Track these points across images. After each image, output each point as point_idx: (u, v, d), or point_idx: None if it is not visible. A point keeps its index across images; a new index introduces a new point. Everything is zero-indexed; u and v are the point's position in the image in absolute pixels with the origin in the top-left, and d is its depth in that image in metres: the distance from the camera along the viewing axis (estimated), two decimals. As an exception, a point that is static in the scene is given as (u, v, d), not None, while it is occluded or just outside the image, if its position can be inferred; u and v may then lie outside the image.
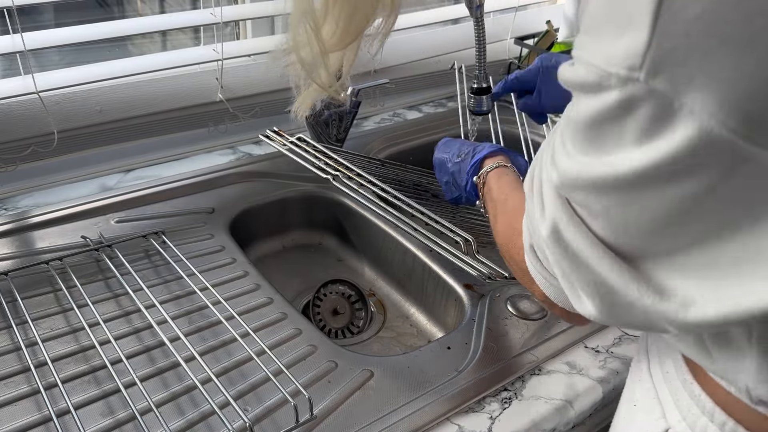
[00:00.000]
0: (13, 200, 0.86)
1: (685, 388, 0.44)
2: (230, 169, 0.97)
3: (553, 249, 0.38)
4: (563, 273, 0.39)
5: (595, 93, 0.31)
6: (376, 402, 0.61)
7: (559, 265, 0.39)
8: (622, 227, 0.34)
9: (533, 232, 0.42)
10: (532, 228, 0.42)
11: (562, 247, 0.37)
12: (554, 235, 0.38)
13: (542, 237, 0.39)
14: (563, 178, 0.36)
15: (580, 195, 0.35)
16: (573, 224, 0.36)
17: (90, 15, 1.00)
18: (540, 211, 0.40)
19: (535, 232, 0.41)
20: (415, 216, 0.74)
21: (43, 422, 0.57)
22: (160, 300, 0.69)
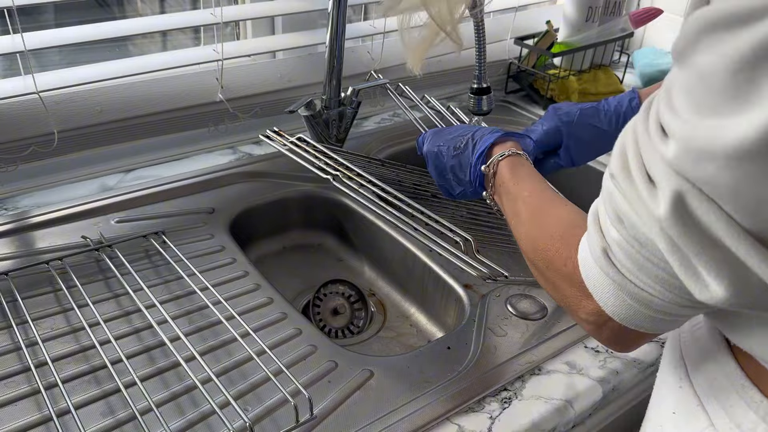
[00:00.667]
0: (13, 200, 0.86)
1: (741, 395, 0.42)
2: (230, 169, 0.97)
3: (676, 229, 0.33)
4: (682, 258, 0.34)
5: (744, 24, 0.27)
6: (376, 402, 0.61)
7: (678, 250, 0.34)
8: (754, 206, 0.30)
9: (628, 224, 0.37)
10: (627, 220, 0.37)
11: (688, 225, 0.32)
12: (678, 211, 0.32)
13: (657, 219, 0.34)
14: (685, 148, 0.31)
15: (707, 168, 0.30)
16: (701, 198, 0.31)
17: (90, 15, 1.00)
18: (649, 192, 0.34)
19: (633, 224, 0.36)
20: (415, 216, 0.74)
21: (44, 422, 0.57)
22: (160, 300, 0.69)
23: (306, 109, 0.96)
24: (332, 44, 0.94)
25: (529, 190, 0.58)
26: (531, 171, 0.62)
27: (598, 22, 1.27)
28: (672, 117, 0.32)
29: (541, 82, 1.28)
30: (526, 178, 0.60)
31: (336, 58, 0.95)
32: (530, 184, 0.59)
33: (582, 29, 1.25)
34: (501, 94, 1.31)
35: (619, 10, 1.28)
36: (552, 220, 0.51)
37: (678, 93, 0.32)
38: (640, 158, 0.35)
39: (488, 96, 0.95)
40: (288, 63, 1.08)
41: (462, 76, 1.27)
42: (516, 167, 0.62)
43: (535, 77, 1.29)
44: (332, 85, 0.97)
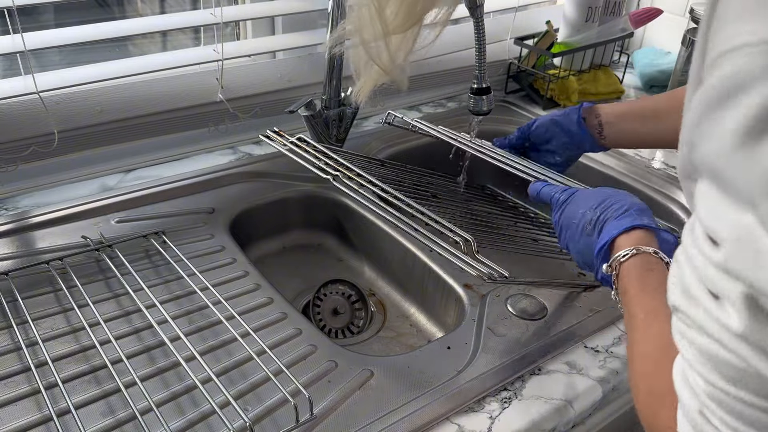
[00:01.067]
0: (13, 200, 0.86)
1: None
2: (230, 169, 0.97)
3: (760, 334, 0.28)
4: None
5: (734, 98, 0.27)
6: (376, 402, 0.61)
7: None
8: None
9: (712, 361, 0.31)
10: (709, 357, 0.31)
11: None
12: (753, 314, 0.28)
13: (736, 333, 0.29)
14: (736, 248, 0.28)
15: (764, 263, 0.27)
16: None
17: (90, 15, 1.00)
18: (717, 306, 0.30)
19: (715, 357, 0.31)
20: (415, 216, 0.74)
21: (44, 422, 0.57)
22: (160, 300, 0.69)
23: (306, 109, 0.96)
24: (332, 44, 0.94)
25: (646, 312, 0.47)
26: (661, 278, 0.49)
27: (598, 22, 1.27)
28: (719, 222, 0.30)
29: (541, 82, 1.28)
30: (649, 290, 0.49)
31: (336, 58, 0.95)
32: (651, 300, 0.48)
33: (582, 29, 1.25)
34: (501, 94, 1.31)
35: (619, 10, 1.28)
36: (658, 367, 0.41)
37: (712, 195, 0.30)
38: (698, 279, 0.32)
39: (488, 96, 0.95)
40: (288, 63, 1.08)
41: (462, 76, 1.27)
42: (641, 273, 0.50)
43: (535, 77, 1.29)
44: (332, 85, 0.97)
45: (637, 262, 0.51)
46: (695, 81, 0.32)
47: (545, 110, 1.25)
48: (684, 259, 0.33)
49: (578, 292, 0.78)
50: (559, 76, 1.26)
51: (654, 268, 0.51)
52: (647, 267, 0.51)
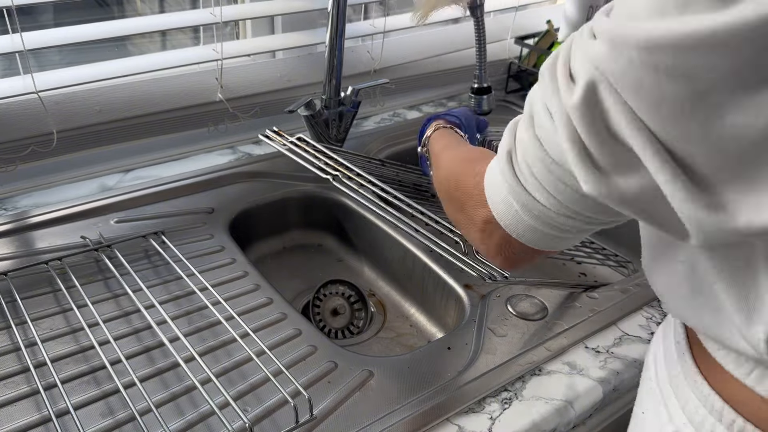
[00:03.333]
0: (12, 200, 0.86)
1: (693, 390, 0.44)
2: (230, 169, 0.97)
3: (583, 119, 0.34)
4: (580, 149, 0.35)
5: None
6: (376, 402, 0.61)
7: (578, 142, 0.35)
8: (654, 103, 0.31)
9: (537, 122, 0.39)
10: (537, 117, 0.39)
11: (595, 115, 0.34)
12: (588, 100, 0.34)
13: (568, 108, 0.35)
14: (606, 41, 0.32)
15: (620, 59, 0.31)
16: (611, 90, 0.32)
17: (90, 15, 1.00)
18: (567, 86, 0.36)
19: (541, 122, 0.38)
20: (415, 216, 0.74)
21: (43, 422, 0.56)
22: (159, 300, 0.69)
23: (306, 109, 0.95)
24: (332, 44, 0.93)
25: (447, 145, 0.66)
26: (456, 136, 0.72)
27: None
28: (605, 20, 0.33)
29: (541, 82, 1.28)
30: (447, 138, 0.71)
31: (336, 58, 0.95)
32: (451, 140, 0.69)
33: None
34: (501, 93, 1.31)
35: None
36: (468, 153, 0.57)
37: (616, 5, 0.34)
38: (568, 58, 0.37)
39: (488, 96, 0.95)
40: (288, 63, 1.08)
41: (462, 75, 1.27)
42: (442, 137, 0.72)
43: (535, 77, 1.29)
44: (332, 85, 0.97)
45: (435, 135, 0.74)
46: None
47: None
48: (568, 41, 0.38)
49: (579, 293, 0.78)
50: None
51: (451, 133, 0.74)
52: (445, 134, 0.74)
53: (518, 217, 0.43)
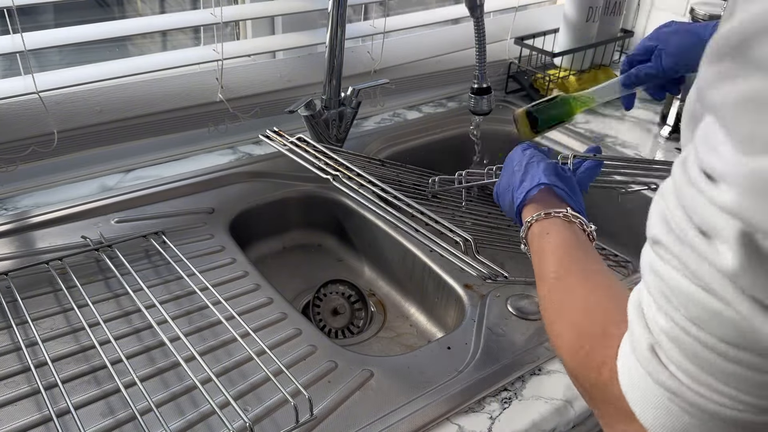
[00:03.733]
0: (13, 200, 0.86)
1: None
2: (230, 169, 0.97)
3: (751, 279, 0.27)
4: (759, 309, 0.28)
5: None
6: (376, 402, 0.61)
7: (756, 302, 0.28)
8: None
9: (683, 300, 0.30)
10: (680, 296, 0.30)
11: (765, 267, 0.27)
12: (748, 256, 0.27)
13: (726, 272, 0.28)
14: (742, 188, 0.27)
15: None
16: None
17: (90, 15, 1.00)
18: (708, 245, 0.29)
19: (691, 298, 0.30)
20: (415, 216, 0.74)
21: (43, 422, 0.57)
22: (160, 300, 0.69)
23: (306, 109, 0.96)
24: (332, 44, 0.94)
25: (555, 270, 0.49)
26: (558, 240, 0.53)
27: (599, 22, 1.27)
28: (718, 159, 0.28)
29: (541, 82, 1.28)
30: (550, 252, 0.52)
31: (336, 58, 0.95)
32: (556, 259, 0.51)
33: (582, 29, 1.25)
34: (501, 94, 1.31)
35: (619, 9, 1.29)
36: (581, 316, 0.42)
37: (715, 135, 0.29)
38: (687, 215, 0.30)
39: (488, 96, 0.95)
40: (288, 63, 1.08)
41: (462, 76, 1.27)
42: (542, 237, 0.54)
43: (535, 77, 1.29)
44: (332, 85, 0.97)
45: (535, 231, 0.56)
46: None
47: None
48: (672, 193, 0.32)
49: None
50: (559, 76, 1.26)
51: (550, 230, 0.54)
52: (544, 231, 0.55)
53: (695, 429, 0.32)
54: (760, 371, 0.29)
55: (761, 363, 0.29)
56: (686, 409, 0.31)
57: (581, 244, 0.52)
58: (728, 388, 0.30)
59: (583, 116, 1.24)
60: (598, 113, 1.26)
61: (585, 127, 1.19)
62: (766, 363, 0.29)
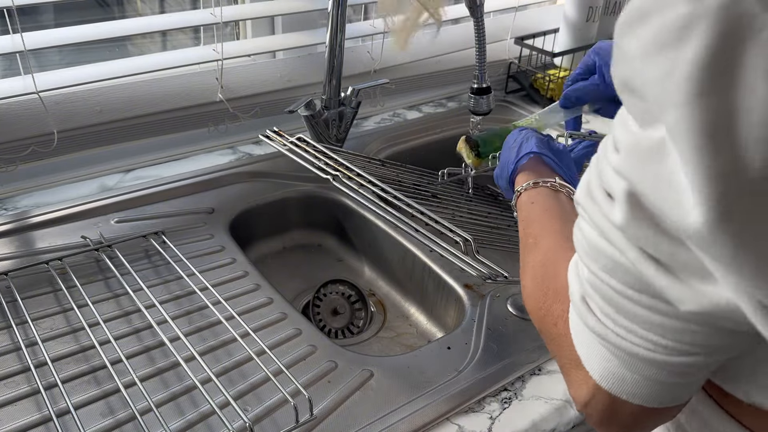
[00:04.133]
0: (13, 200, 0.86)
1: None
2: (230, 169, 0.97)
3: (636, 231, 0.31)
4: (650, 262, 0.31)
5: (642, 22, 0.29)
6: (376, 402, 0.61)
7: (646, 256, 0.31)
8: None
9: (596, 252, 0.35)
10: (594, 249, 0.35)
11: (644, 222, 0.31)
12: (632, 211, 0.31)
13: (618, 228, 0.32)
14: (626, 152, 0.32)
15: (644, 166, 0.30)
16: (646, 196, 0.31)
17: (90, 15, 1.00)
18: (608, 205, 0.33)
19: (599, 249, 0.34)
20: (415, 216, 0.74)
21: (43, 422, 0.57)
22: (160, 300, 0.69)
23: (306, 109, 0.96)
24: (332, 44, 0.94)
25: (534, 236, 0.52)
26: (542, 207, 0.56)
27: (599, 22, 1.27)
28: (623, 132, 0.32)
29: (541, 82, 1.28)
30: (533, 219, 0.55)
31: (336, 58, 0.95)
32: (538, 225, 0.53)
33: (582, 29, 1.25)
34: (501, 94, 1.31)
35: (619, 9, 1.28)
36: (548, 275, 0.45)
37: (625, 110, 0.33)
38: (599, 180, 0.35)
39: (488, 96, 0.95)
40: (288, 63, 1.08)
41: (462, 76, 1.27)
42: (531, 204, 0.57)
43: (535, 77, 1.29)
44: (332, 85, 0.97)
45: (522, 201, 0.59)
46: None
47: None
48: (594, 163, 0.36)
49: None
50: (559, 75, 1.26)
51: (535, 200, 0.58)
52: (529, 201, 0.58)
53: (621, 371, 0.35)
54: (659, 313, 0.33)
55: (657, 305, 0.32)
56: (613, 351, 0.35)
57: (564, 212, 0.55)
58: (640, 329, 0.34)
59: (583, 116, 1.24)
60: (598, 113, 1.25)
61: (585, 127, 1.19)
62: (661, 305, 0.32)
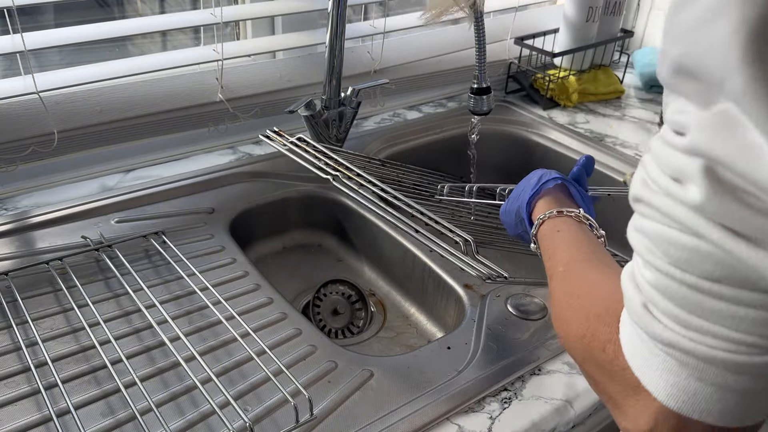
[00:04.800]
0: (13, 200, 0.86)
1: None
2: (230, 169, 0.97)
3: (721, 206, 0.29)
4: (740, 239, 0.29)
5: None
6: (376, 402, 0.61)
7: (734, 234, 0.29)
8: None
9: (665, 245, 0.32)
10: (662, 243, 0.32)
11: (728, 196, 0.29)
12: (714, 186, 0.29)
13: (697, 207, 0.29)
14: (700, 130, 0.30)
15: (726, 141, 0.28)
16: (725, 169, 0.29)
17: (90, 15, 1.00)
18: (679, 187, 0.31)
19: (670, 240, 0.31)
20: (415, 216, 0.74)
21: (43, 422, 0.57)
22: (160, 300, 0.69)
23: (306, 109, 0.96)
24: (332, 44, 0.94)
25: (564, 264, 0.50)
26: (569, 236, 0.54)
27: (599, 22, 1.27)
28: (684, 117, 0.31)
29: (541, 82, 1.28)
30: (561, 247, 0.53)
31: (336, 58, 0.95)
32: (566, 253, 0.51)
33: (582, 29, 1.25)
34: (501, 94, 1.31)
35: (619, 10, 1.28)
36: (587, 300, 0.43)
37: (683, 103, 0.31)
38: (661, 168, 0.32)
39: (488, 96, 0.95)
40: (288, 63, 1.08)
41: (462, 76, 1.27)
42: (554, 235, 0.55)
43: (535, 77, 1.29)
44: (332, 85, 0.97)
45: (546, 229, 0.57)
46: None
47: (545, 110, 1.25)
48: (649, 159, 0.34)
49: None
50: (559, 76, 1.26)
51: (561, 228, 0.55)
52: (555, 229, 0.56)
53: (694, 385, 0.31)
54: (744, 304, 0.30)
55: (740, 295, 0.29)
56: (683, 361, 0.31)
57: (592, 241, 0.53)
58: (718, 327, 0.30)
59: (583, 116, 1.24)
60: (599, 113, 1.26)
61: (585, 127, 1.19)
62: (745, 294, 0.29)
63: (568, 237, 0.54)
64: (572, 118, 1.22)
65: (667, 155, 0.32)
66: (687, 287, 0.31)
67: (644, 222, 0.34)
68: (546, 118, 1.22)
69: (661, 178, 0.32)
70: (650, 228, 0.33)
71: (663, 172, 0.32)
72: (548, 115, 1.24)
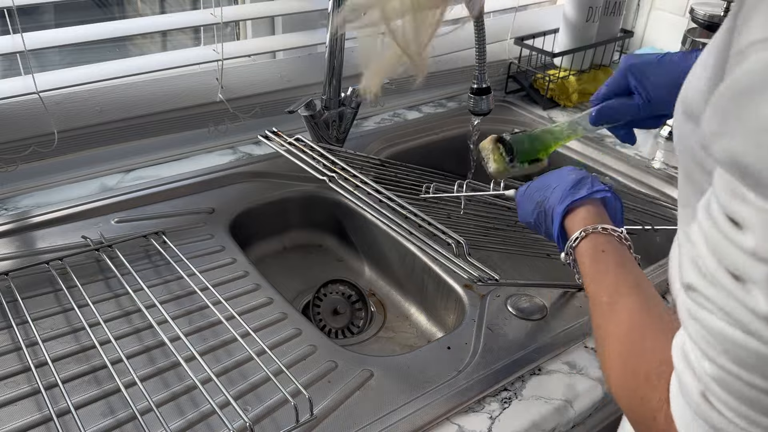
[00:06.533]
0: (13, 200, 0.86)
1: None
2: (230, 169, 0.97)
3: None
4: None
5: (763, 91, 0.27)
6: (376, 402, 0.61)
7: None
8: None
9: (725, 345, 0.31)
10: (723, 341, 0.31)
11: None
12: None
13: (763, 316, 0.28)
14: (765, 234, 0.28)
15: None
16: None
17: (90, 15, 1.00)
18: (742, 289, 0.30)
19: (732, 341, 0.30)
20: (409, 218, 0.74)
21: (44, 422, 0.57)
22: (160, 300, 0.69)
23: (306, 109, 0.96)
24: (332, 44, 0.94)
25: (609, 294, 0.47)
26: (614, 259, 0.51)
27: (598, 23, 1.27)
28: (741, 205, 0.29)
29: (541, 82, 1.28)
30: (605, 271, 0.50)
31: (336, 58, 0.95)
32: (612, 279, 0.48)
33: (582, 29, 1.25)
34: (501, 94, 1.31)
35: (619, 9, 1.29)
36: (634, 355, 0.41)
37: (736, 182, 0.30)
38: (717, 260, 0.31)
39: (488, 96, 0.95)
40: (288, 63, 1.08)
41: (462, 76, 1.27)
42: (596, 255, 0.52)
43: (535, 77, 1.29)
44: (332, 85, 0.97)
45: (588, 246, 0.52)
46: (717, 64, 0.32)
47: (545, 110, 1.25)
48: (700, 238, 0.32)
49: (573, 293, 0.78)
50: (559, 76, 1.26)
51: (606, 248, 0.51)
52: (599, 248, 0.52)
53: None
54: None
55: None
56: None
57: (635, 269, 0.50)
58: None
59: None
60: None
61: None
62: None
63: (614, 261, 0.51)
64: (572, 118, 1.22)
65: (725, 249, 0.30)
66: (749, 387, 0.30)
67: (700, 312, 0.32)
68: (546, 119, 1.22)
69: (719, 273, 0.31)
70: (709, 322, 0.32)
71: (720, 265, 0.31)
72: (548, 115, 1.24)
